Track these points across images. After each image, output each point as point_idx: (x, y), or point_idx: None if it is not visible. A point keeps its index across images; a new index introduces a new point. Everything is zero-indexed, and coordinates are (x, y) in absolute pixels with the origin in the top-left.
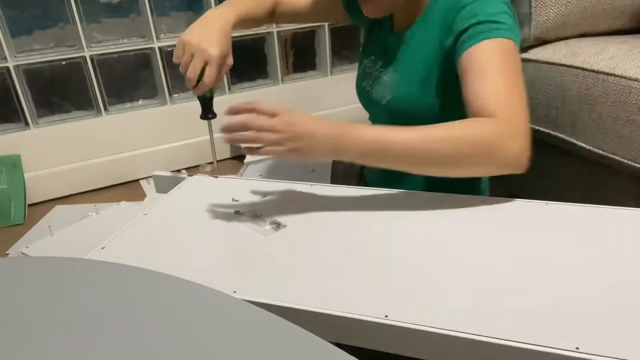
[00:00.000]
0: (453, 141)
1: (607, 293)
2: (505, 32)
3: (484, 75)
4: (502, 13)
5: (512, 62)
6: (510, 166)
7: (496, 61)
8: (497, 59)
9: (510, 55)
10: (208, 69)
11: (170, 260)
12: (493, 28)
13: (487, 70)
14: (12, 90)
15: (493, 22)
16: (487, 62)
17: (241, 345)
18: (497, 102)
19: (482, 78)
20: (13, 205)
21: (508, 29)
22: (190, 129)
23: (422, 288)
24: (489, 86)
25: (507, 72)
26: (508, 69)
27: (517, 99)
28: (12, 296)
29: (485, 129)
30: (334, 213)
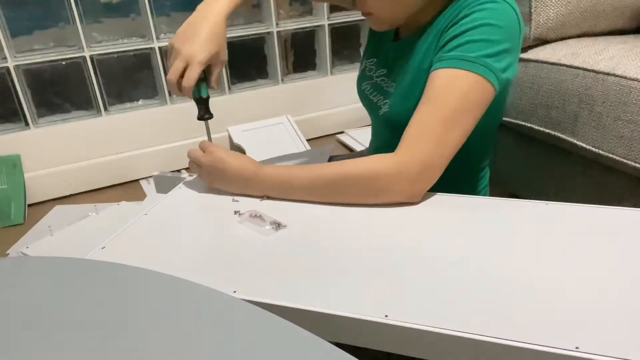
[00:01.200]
0: (344, 179)
1: (607, 293)
2: (487, 70)
3: (426, 104)
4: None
5: (465, 101)
6: (400, 199)
7: (448, 95)
8: (452, 93)
9: (470, 94)
10: (187, 70)
11: (170, 260)
12: (477, 61)
13: (432, 100)
14: (12, 90)
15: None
16: (439, 92)
17: (241, 345)
18: (412, 134)
19: (422, 105)
20: (13, 205)
21: (492, 69)
22: (190, 129)
23: (422, 288)
24: (420, 117)
25: (449, 110)
26: (454, 106)
27: (434, 138)
28: (12, 296)
29: (375, 168)
30: (334, 213)
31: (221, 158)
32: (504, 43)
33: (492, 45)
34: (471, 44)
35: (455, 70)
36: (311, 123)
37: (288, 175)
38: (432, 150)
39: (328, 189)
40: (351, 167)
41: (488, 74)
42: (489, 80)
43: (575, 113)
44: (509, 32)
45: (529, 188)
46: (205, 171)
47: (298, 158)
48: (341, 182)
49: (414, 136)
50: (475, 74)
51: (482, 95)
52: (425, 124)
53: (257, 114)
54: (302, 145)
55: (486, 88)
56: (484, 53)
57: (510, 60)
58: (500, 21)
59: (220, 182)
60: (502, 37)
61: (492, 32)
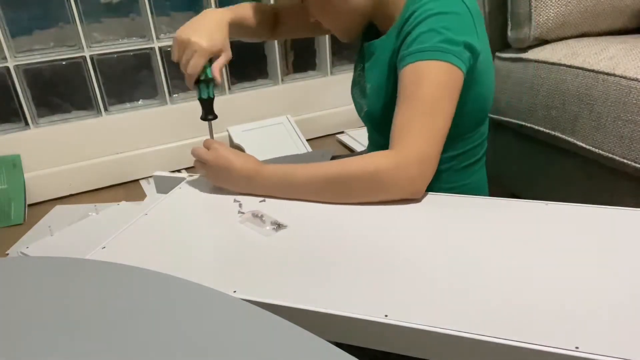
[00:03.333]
0: (345, 177)
1: (607, 293)
2: (446, 54)
3: (402, 102)
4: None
5: (436, 89)
6: (403, 194)
7: (419, 88)
8: (422, 85)
9: (439, 80)
10: (193, 59)
11: (170, 260)
12: (433, 49)
13: (407, 97)
14: (12, 90)
15: (437, 42)
16: (410, 88)
17: (241, 345)
18: (399, 132)
19: (400, 104)
20: (13, 205)
21: (450, 52)
22: (190, 129)
23: (422, 288)
24: (401, 115)
25: (425, 101)
26: (428, 96)
27: (420, 130)
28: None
29: (375, 164)
30: (334, 214)
31: (225, 156)
32: (454, 27)
33: (444, 32)
34: (423, 35)
35: (418, 64)
36: (311, 123)
37: (290, 174)
38: (423, 142)
39: (329, 187)
40: (351, 165)
41: (448, 57)
42: (452, 62)
43: (575, 113)
44: (456, 17)
45: (529, 188)
46: (209, 169)
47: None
48: (342, 180)
49: (402, 134)
50: (437, 60)
51: (451, 77)
52: (408, 121)
53: (257, 114)
54: (302, 145)
55: (452, 70)
56: (437, 40)
57: (468, 39)
58: (444, 9)
59: (223, 180)
60: (450, 22)
61: (440, 20)
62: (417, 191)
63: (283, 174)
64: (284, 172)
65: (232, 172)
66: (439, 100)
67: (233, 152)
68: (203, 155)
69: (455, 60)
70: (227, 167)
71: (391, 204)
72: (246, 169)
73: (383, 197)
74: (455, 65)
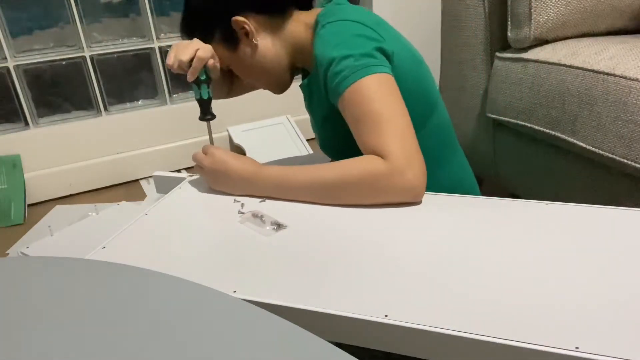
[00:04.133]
0: (342, 182)
1: (607, 293)
2: (364, 69)
3: (359, 124)
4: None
5: (380, 97)
6: (404, 196)
7: (365, 104)
8: (365, 102)
9: (376, 90)
10: (199, 52)
11: (170, 260)
12: (351, 72)
13: (360, 118)
14: (12, 90)
15: (353, 62)
16: (358, 110)
17: (241, 345)
18: (376, 147)
19: (359, 128)
20: (13, 205)
21: (366, 65)
22: (190, 129)
23: (422, 288)
24: (367, 134)
25: (377, 112)
26: (378, 106)
27: (392, 134)
28: (12, 296)
29: (373, 167)
30: (334, 214)
31: (222, 159)
32: (355, 44)
33: (351, 53)
34: (337, 67)
35: (349, 89)
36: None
37: (288, 176)
38: (400, 144)
39: (328, 191)
40: (350, 169)
41: (369, 70)
42: (376, 71)
43: (575, 113)
44: (352, 34)
45: (529, 188)
46: (208, 174)
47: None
48: (341, 185)
49: (377, 149)
50: (363, 78)
51: (384, 82)
52: (376, 135)
53: (257, 114)
54: (302, 145)
55: (380, 77)
56: (350, 62)
57: (373, 46)
58: (336, 38)
59: (222, 184)
60: (350, 43)
61: (339, 49)
62: (417, 191)
63: (282, 176)
64: (283, 174)
65: (230, 175)
66: (388, 105)
67: (230, 155)
68: (201, 160)
69: (376, 69)
70: (225, 171)
71: (391, 204)
72: (244, 171)
73: (382, 200)
74: (380, 73)
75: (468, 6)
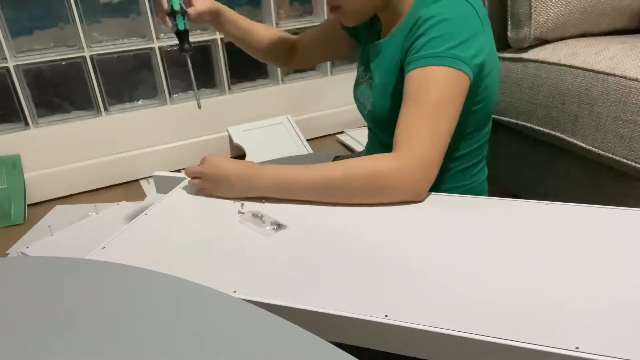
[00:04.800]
0: (348, 178)
1: (607, 293)
2: (454, 61)
3: (408, 105)
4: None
5: (443, 94)
6: (405, 197)
7: (426, 92)
8: (429, 90)
9: (446, 86)
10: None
11: (170, 260)
12: (442, 55)
13: (413, 100)
14: (12, 90)
15: (446, 49)
16: (417, 92)
17: (241, 345)
18: (404, 134)
19: (406, 107)
20: (13, 205)
21: (459, 58)
22: (190, 129)
23: (422, 288)
24: (406, 117)
25: (431, 105)
26: (434, 100)
27: (425, 133)
28: (12, 296)
29: (380, 165)
30: (334, 214)
31: (220, 165)
32: (463, 32)
33: (453, 38)
34: (433, 40)
35: (426, 69)
36: (311, 123)
37: (289, 176)
38: (426, 146)
39: (331, 189)
40: (354, 166)
41: (456, 63)
42: (459, 69)
43: (575, 113)
44: (466, 21)
45: (529, 188)
46: (207, 182)
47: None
48: (345, 183)
49: (405, 137)
50: (445, 66)
51: (457, 84)
52: (413, 124)
53: (257, 114)
54: (302, 145)
55: (459, 77)
56: (447, 46)
57: (477, 46)
58: (454, 14)
59: (223, 189)
60: (459, 28)
61: (450, 26)
62: (420, 194)
63: (283, 175)
64: (284, 173)
65: (230, 179)
66: (445, 106)
67: (227, 160)
68: (198, 170)
69: (463, 67)
70: (224, 175)
71: (391, 204)
72: (243, 173)
73: (385, 199)
74: (463, 72)
75: None
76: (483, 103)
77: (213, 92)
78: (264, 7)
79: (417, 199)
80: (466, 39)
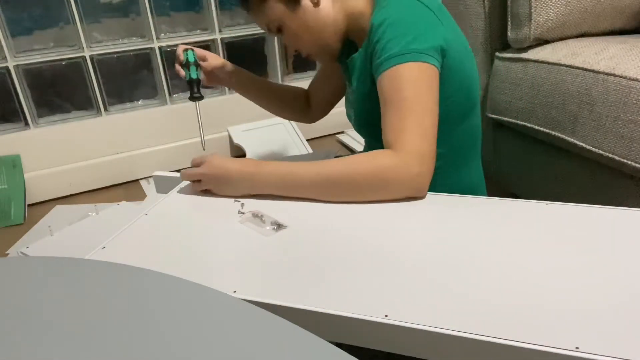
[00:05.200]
0: (350, 174)
1: (607, 293)
2: (416, 55)
3: (387, 107)
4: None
5: (416, 88)
6: (408, 192)
7: (400, 91)
8: (402, 88)
9: (416, 80)
10: None
11: (170, 260)
12: (403, 52)
13: (390, 102)
14: (12, 90)
15: (405, 45)
16: (391, 93)
17: (241, 345)
18: (392, 136)
19: (386, 110)
20: (13, 205)
21: (419, 51)
22: (190, 129)
23: (422, 288)
24: (390, 120)
25: (408, 102)
26: (410, 97)
27: (412, 130)
28: (12, 296)
29: (381, 161)
30: (334, 214)
31: (220, 164)
32: (415, 27)
33: (407, 34)
34: (389, 42)
35: (392, 69)
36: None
37: (292, 172)
38: (418, 140)
39: (333, 185)
40: (355, 163)
41: (419, 57)
42: (424, 61)
43: (575, 113)
44: (414, 15)
45: (529, 188)
46: (208, 182)
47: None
48: (347, 179)
49: (395, 138)
50: (409, 62)
51: (426, 76)
52: (399, 123)
53: (257, 114)
54: (302, 145)
55: (426, 68)
56: (404, 42)
57: (434, 35)
58: (400, 13)
59: (225, 188)
60: (410, 24)
61: (400, 25)
62: (421, 189)
63: (285, 172)
64: (286, 170)
65: (231, 177)
66: (422, 99)
67: (227, 159)
68: (197, 172)
69: (426, 58)
70: (225, 174)
71: (391, 203)
72: (245, 171)
73: (387, 195)
74: (427, 63)
75: (468, 6)
76: (461, 91)
77: (213, 92)
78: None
79: (419, 194)
80: (421, 32)
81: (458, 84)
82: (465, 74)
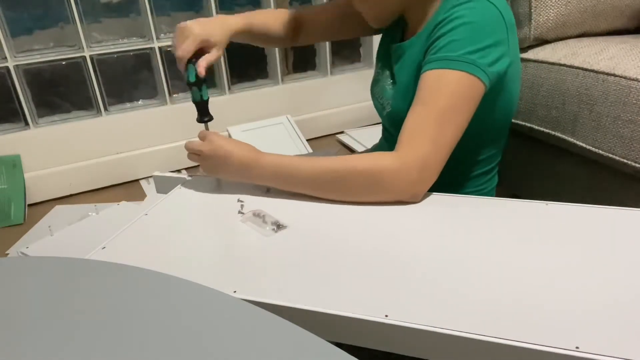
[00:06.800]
0: (345, 173)
1: (607, 293)
2: (471, 66)
3: (418, 106)
4: (481, 48)
5: (453, 100)
6: (401, 196)
7: (437, 96)
8: (440, 94)
9: (458, 92)
10: (185, 43)
11: (170, 260)
12: (460, 59)
13: (423, 102)
14: (12, 90)
15: (465, 53)
16: (428, 94)
17: (241, 345)
18: (408, 135)
19: (415, 108)
20: (13, 205)
21: (476, 64)
22: (190, 129)
23: (422, 288)
24: (413, 118)
25: (439, 110)
26: (444, 105)
27: (429, 137)
28: (12, 296)
29: (378, 163)
30: (334, 214)
31: (222, 145)
32: (486, 39)
33: (474, 42)
34: (453, 43)
35: (442, 71)
36: (311, 123)
37: (290, 165)
38: (428, 150)
39: (330, 181)
40: (354, 162)
41: (473, 69)
42: (476, 75)
43: (575, 113)
44: (491, 27)
45: (529, 188)
46: (205, 160)
47: None
48: (344, 176)
49: (409, 137)
50: (461, 71)
51: (470, 91)
52: (418, 125)
53: (257, 114)
54: (302, 145)
55: (474, 83)
56: (466, 50)
57: (498, 53)
58: (479, 18)
59: (221, 171)
60: (483, 34)
61: (473, 30)
62: (415, 195)
63: (283, 163)
64: (285, 162)
65: (229, 161)
66: (454, 112)
67: (230, 141)
68: (198, 146)
69: (480, 74)
70: (225, 156)
71: (391, 204)
72: (244, 157)
73: (381, 198)
74: (478, 79)
75: None
76: (505, 110)
77: (213, 92)
78: (265, 7)
79: (413, 200)
80: (487, 46)
81: (504, 102)
82: (512, 94)
